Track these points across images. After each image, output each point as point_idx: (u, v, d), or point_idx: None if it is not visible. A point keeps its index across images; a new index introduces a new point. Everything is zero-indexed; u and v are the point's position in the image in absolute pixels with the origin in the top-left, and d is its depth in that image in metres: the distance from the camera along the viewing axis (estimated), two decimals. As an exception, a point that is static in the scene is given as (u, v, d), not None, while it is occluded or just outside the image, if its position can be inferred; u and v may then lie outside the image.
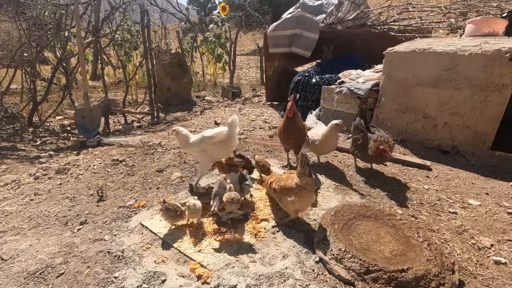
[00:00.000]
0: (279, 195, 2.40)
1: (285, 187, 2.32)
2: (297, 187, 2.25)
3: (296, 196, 2.26)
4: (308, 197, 2.31)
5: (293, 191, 2.27)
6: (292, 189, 2.27)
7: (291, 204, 2.31)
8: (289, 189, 2.29)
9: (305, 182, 2.24)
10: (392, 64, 4.10)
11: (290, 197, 2.29)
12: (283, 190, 2.34)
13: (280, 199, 2.42)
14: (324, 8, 6.20)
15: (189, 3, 27.99)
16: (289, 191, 2.29)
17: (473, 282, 1.90)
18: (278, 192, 2.38)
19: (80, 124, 4.92)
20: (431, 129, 3.88)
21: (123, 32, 6.99)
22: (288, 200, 2.30)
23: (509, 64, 3.19)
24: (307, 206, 2.40)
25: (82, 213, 2.75)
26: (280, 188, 2.37)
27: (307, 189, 2.26)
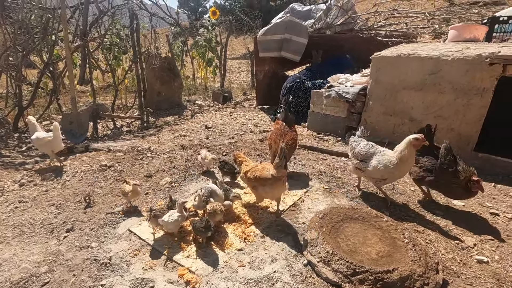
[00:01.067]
0: (253, 183, 2.56)
1: (260, 177, 2.47)
2: (273, 178, 2.40)
3: (271, 187, 2.43)
4: (281, 188, 2.51)
5: (268, 181, 2.42)
6: (268, 179, 2.42)
7: (265, 193, 2.51)
8: (264, 179, 2.44)
9: (281, 174, 2.39)
10: (379, 68, 4.19)
11: (265, 186, 2.45)
12: (258, 180, 2.49)
13: (253, 187, 2.59)
14: (312, 14, 6.30)
15: (179, 7, 27.98)
16: (264, 181, 2.45)
17: (457, 281, 1.94)
18: (253, 181, 2.54)
19: (67, 129, 4.84)
20: (417, 132, 3.96)
21: (112, 36, 6.94)
22: (263, 189, 2.48)
23: (490, 69, 3.30)
24: (279, 195, 2.61)
25: (68, 220, 2.70)
26: (255, 178, 2.51)
27: (282, 180, 2.41)
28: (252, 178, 2.55)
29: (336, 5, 6.21)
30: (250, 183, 2.64)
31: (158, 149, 4.36)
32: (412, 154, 2.58)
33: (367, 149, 2.81)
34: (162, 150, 4.33)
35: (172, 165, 3.78)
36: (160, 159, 4.02)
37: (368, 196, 2.98)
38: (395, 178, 2.78)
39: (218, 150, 4.28)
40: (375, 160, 2.71)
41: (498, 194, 3.00)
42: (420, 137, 2.53)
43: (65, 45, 4.92)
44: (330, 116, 4.79)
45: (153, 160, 3.98)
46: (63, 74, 6.07)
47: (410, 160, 2.60)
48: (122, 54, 7.45)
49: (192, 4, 29.06)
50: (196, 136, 5.02)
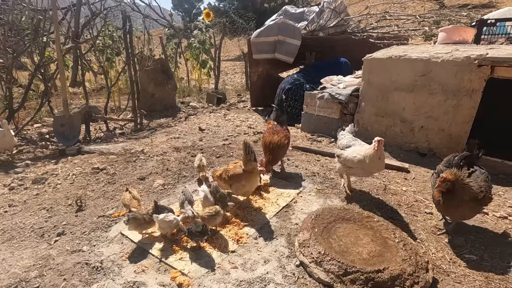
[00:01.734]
0: (229, 182, 2.70)
1: (234, 175, 2.64)
2: (245, 172, 2.59)
3: (245, 181, 2.61)
4: (255, 180, 2.72)
5: (242, 176, 2.60)
6: (241, 174, 2.60)
7: (242, 188, 2.66)
8: (238, 175, 2.61)
9: (251, 167, 2.58)
10: (371, 70, 4.24)
11: (241, 182, 2.62)
12: (232, 178, 2.65)
13: (231, 186, 2.72)
14: (305, 16, 6.35)
15: (173, 9, 27.95)
16: (239, 177, 2.62)
17: (446, 280, 1.97)
18: (228, 180, 2.69)
19: (59, 132, 4.80)
20: (408, 132, 4.02)
21: (105, 38, 6.89)
22: (239, 185, 2.64)
23: (478, 70, 3.37)
24: (254, 187, 2.80)
25: (59, 224, 2.67)
26: (229, 176, 2.67)
27: (254, 172, 2.61)
28: (226, 177, 2.70)
29: (329, 8, 6.27)
30: (227, 184, 2.75)
31: (151, 151, 4.34)
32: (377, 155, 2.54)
33: (349, 141, 2.92)
34: (156, 152, 4.31)
35: (165, 168, 3.77)
36: (153, 161, 4.00)
37: (360, 196, 3.01)
38: (362, 172, 2.78)
39: (212, 152, 4.28)
40: (351, 148, 2.82)
41: (487, 193, 3.04)
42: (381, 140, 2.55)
43: (56, 47, 4.88)
44: (324, 117, 4.83)
45: (146, 163, 3.96)
46: (54, 76, 6.01)
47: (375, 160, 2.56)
48: (115, 56, 7.40)
49: (186, 6, 29.05)
50: (190, 138, 5.01)
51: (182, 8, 29.41)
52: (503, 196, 2.99)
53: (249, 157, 2.55)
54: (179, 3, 29.68)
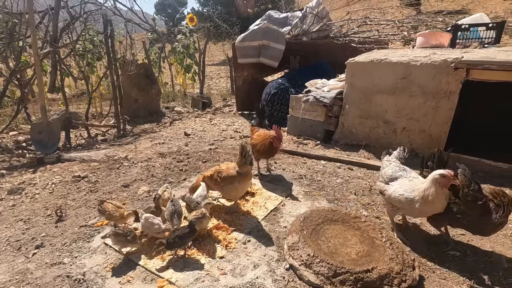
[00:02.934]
0: (221, 184, 2.64)
1: (228, 177, 2.58)
2: (239, 174, 2.56)
3: (239, 183, 2.57)
4: (248, 183, 2.71)
5: (235, 178, 2.56)
6: (235, 177, 2.56)
7: (234, 190, 2.62)
8: (232, 177, 2.57)
9: (246, 169, 2.56)
10: (354, 73, 4.33)
11: (233, 184, 2.57)
12: (225, 179, 2.59)
13: (222, 188, 2.66)
14: (289, 21, 6.43)
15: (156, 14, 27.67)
16: (232, 179, 2.57)
17: (432, 277, 2.02)
18: (220, 181, 2.63)
19: (36, 139, 4.59)
20: (391, 134, 4.12)
21: (85, 43, 6.71)
22: (231, 187, 2.59)
23: (455, 73, 3.51)
24: (245, 191, 2.82)
25: (38, 235, 2.55)
26: (222, 178, 2.61)
27: (248, 176, 2.60)
28: (218, 179, 2.63)
29: (312, 13, 6.38)
30: (218, 185, 2.68)
31: (135, 158, 4.23)
32: (440, 194, 2.02)
33: (395, 171, 2.39)
34: (140, 158, 4.21)
35: (150, 174, 3.68)
36: (137, 167, 3.90)
37: (346, 198, 3.04)
38: (414, 214, 2.35)
39: (198, 157, 4.23)
40: (397, 183, 2.29)
41: (467, 191, 3.15)
42: (447, 174, 1.99)
43: (33, 52, 4.69)
44: (309, 120, 4.88)
45: (130, 169, 3.85)
46: (32, 82, 5.78)
47: (437, 202, 2.04)
48: (96, 60, 7.22)
49: (169, 10, 28.84)
50: (176, 143, 4.93)
51: (165, 12, 29.19)
52: (481, 193, 3.10)
53: (245, 160, 2.52)
54: (162, 7, 29.44)
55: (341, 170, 3.69)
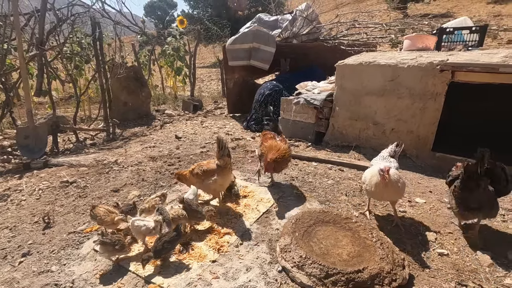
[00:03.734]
0: (201, 178, 2.69)
1: (208, 170, 2.66)
2: (218, 167, 2.63)
3: (218, 175, 2.63)
4: (228, 176, 2.74)
5: (215, 171, 2.64)
6: (215, 170, 2.64)
7: (214, 184, 2.66)
8: (212, 170, 2.65)
9: (225, 162, 2.62)
10: (343, 75, 4.39)
11: (214, 177, 2.64)
12: (206, 173, 2.67)
13: (203, 181, 2.70)
14: (279, 23, 6.47)
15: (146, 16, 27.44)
16: (212, 172, 2.65)
17: (422, 275, 2.05)
18: (201, 175, 2.69)
19: (23, 144, 4.48)
20: (381, 135, 4.19)
21: (72, 45, 6.59)
22: (211, 180, 2.65)
23: (441, 75, 3.60)
24: (227, 184, 2.85)
25: (24, 243, 2.48)
26: (203, 171, 2.68)
27: (227, 168, 2.65)
28: (199, 172, 2.70)
29: (301, 16, 6.45)
30: (199, 179, 2.72)
31: (125, 162, 4.17)
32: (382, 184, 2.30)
33: (374, 160, 2.72)
34: (130, 162, 4.15)
35: (140, 178, 3.64)
36: (127, 172, 3.85)
37: (337, 199, 3.07)
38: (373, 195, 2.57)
39: (190, 160, 4.20)
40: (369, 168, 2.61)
41: (454, 190, 3.23)
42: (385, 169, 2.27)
43: (19, 55, 4.59)
44: (300, 122, 4.91)
45: (120, 173, 3.80)
46: (17, 85, 5.63)
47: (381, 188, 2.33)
48: (84, 63, 7.10)
49: (159, 12, 28.66)
50: (166, 146, 4.89)
51: (155, 15, 29.00)
52: (468, 192, 3.18)
53: (222, 152, 2.60)
54: (152, 10, 29.25)
55: (332, 172, 3.73)
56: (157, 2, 29.42)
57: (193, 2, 21.58)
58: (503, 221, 2.66)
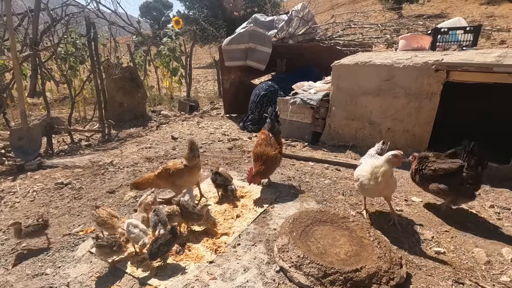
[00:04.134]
0: (170, 180, 2.79)
1: (176, 171, 2.76)
2: (186, 167, 2.78)
3: (188, 175, 2.79)
4: (197, 175, 2.92)
5: (184, 171, 2.78)
6: (183, 170, 2.78)
7: (184, 183, 2.82)
8: (181, 171, 2.77)
9: (195, 163, 2.81)
10: (339, 75, 4.41)
11: (184, 177, 2.78)
12: (174, 174, 2.77)
13: (173, 183, 2.82)
14: (275, 24, 6.48)
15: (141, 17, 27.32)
16: (181, 173, 2.77)
17: (419, 273, 2.06)
18: (169, 177, 2.78)
19: (16, 146, 4.42)
20: (377, 134, 4.21)
21: (67, 46, 6.53)
22: (182, 180, 2.79)
23: (436, 75, 3.62)
24: (195, 182, 3.01)
25: (18, 246, 2.44)
26: (171, 173, 2.77)
27: (196, 168, 2.83)
28: (168, 175, 2.78)
29: (297, 16, 6.46)
30: (167, 180, 2.81)
31: (121, 163, 4.14)
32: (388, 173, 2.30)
33: (363, 158, 2.79)
34: (126, 163, 4.12)
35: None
36: (123, 173, 3.81)
37: (334, 198, 3.08)
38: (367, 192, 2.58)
39: (186, 160, 4.17)
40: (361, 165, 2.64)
41: (450, 189, 3.25)
42: (399, 153, 2.25)
43: (12, 55, 4.53)
44: (296, 122, 4.92)
45: (116, 175, 3.77)
46: (11, 86, 5.57)
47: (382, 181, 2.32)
48: (79, 64, 7.04)
49: (154, 13, 28.56)
50: (162, 147, 4.86)
51: (150, 15, 28.88)
52: (463, 191, 3.21)
53: (193, 154, 2.79)
54: (147, 10, 29.13)
55: (329, 171, 3.74)
56: (152, 2, 29.30)
57: (189, 2, 21.52)
58: (498, 219, 2.68)
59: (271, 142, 3.21)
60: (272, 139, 3.25)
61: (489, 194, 3.11)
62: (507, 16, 11.92)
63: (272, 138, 3.26)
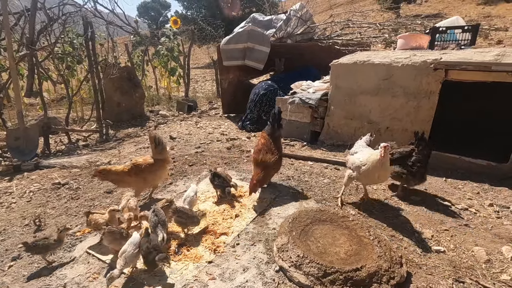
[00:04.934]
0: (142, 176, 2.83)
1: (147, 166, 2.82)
2: (158, 161, 2.88)
3: (159, 170, 2.89)
4: (167, 168, 3.06)
5: (156, 166, 2.86)
6: (154, 164, 2.85)
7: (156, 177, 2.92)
8: (151, 165, 2.84)
9: (162, 156, 2.89)
10: (338, 75, 4.40)
11: (156, 172, 2.88)
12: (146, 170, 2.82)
13: (144, 179, 2.86)
14: (273, 23, 6.47)
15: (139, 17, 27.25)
16: (151, 167, 2.84)
17: (419, 272, 2.05)
18: (141, 173, 2.81)
19: (13, 146, 4.39)
20: (375, 133, 4.18)
21: (64, 45, 6.49)
22: (153, 175, 2.89)
23: (434, 74, 3.62)
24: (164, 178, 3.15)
25: (14, 247, 2.42)
26: (142, 169, 2.80)
27: (166, 160, 2.95)
28: (139, 171, 2.79)
29: (295, 16, 6.45)
30: (138, 177, 2.82)
31: (119, 163, 4.10)
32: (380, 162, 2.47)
33: (357, 148, 2.96)
34: (124, 163, 4.08)
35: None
36: (121, 173, 3.78)
37: (334, 197, 3.06)
38: (365, 179, 2.74)
39: (185, 160, 4.15)
40: (358, 154, 2.82)
41: (449, 188, 3.25)
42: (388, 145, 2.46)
43: (8, 55, 4.50)
44: (295, 122, 4.90)
45: (114, 175, 3.73)
46: (7, 86, 5.53)
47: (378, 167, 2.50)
48: (76, 64, 7.00)
49: (152, 13, 28.49)
50: (161, 147, 4.82)
51: (148, 15, 28.82)
52: (462, 189, 3.21)
53: (161, 147, 2.87)
54: (145, 10, 29.07)
55: (328, 171, 3.72)
56: (150, 2, 29.24)
57: (187, 2, 21.50)
58: (498, 218, 2.68)
59: (271, 148, 3.12)
60: (272, 144, 3.16)
61: (488, 192, 3.11)
62: (503, 16, 11.97)
63: (272, 144, 3.16)
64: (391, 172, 2.82)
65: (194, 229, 2.51)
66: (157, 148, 2.87)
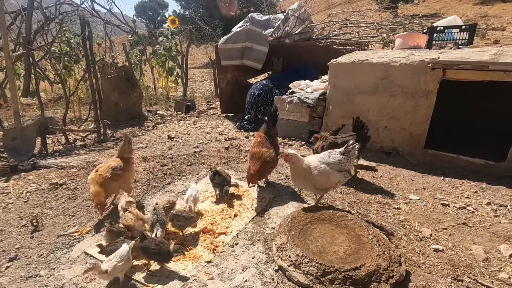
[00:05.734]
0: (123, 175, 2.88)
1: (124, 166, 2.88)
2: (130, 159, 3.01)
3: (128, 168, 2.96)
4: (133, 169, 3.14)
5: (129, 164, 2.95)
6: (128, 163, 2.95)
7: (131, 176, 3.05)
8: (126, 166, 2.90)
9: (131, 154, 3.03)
10: (336, 74, 4.40)
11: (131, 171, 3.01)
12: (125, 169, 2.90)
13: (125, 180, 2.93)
14: (271, 23, 6.46)
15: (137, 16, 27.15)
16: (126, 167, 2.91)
17: (418, 271, 2.05)
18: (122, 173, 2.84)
19: (10, 146, 4.35)
20: (374, 133, 4.20)
21: (61, 45, 6.45)
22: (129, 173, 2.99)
23: (432, 73, 3.63)
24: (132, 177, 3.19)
25: (11, 248, 2.40)
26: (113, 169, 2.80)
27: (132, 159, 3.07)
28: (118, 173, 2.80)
29: (294, 15, 6.46)
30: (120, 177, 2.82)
31: (117, 163, 4.08)
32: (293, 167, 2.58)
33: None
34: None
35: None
36: (119, 173, 3.76)
37: (332, 197, 3.07)
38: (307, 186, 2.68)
39: (183, 160, 4.14)
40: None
41: (447, 187, 3.27)
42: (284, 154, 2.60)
43: (5, 54, 4.46)
44: (293, 121, 4.91)
45: (112, 175, 3.71)
46: (4, 86, 5.49)
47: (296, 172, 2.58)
48: (73, 63, 6.96)
49: (150, 13, 28.41)
50: (159, 147, 4.82)
51: (146, 15, 28.73)
52: (460, 188, 3.22)
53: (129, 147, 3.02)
54: (143, 10, 28.97)
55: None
56: (148, 2, 29.15)
57: (185, 2, 21.44)
58: (496, 216, 2.69)
59: (267, 145, 3.14)
60: (268, 142, 3.17)
61: (486, 191, 3.13)
62: (500, 16, 12.04)
63: (267, 141, 3.17)
64: None
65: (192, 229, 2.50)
66: (129, 147, 3.06)
